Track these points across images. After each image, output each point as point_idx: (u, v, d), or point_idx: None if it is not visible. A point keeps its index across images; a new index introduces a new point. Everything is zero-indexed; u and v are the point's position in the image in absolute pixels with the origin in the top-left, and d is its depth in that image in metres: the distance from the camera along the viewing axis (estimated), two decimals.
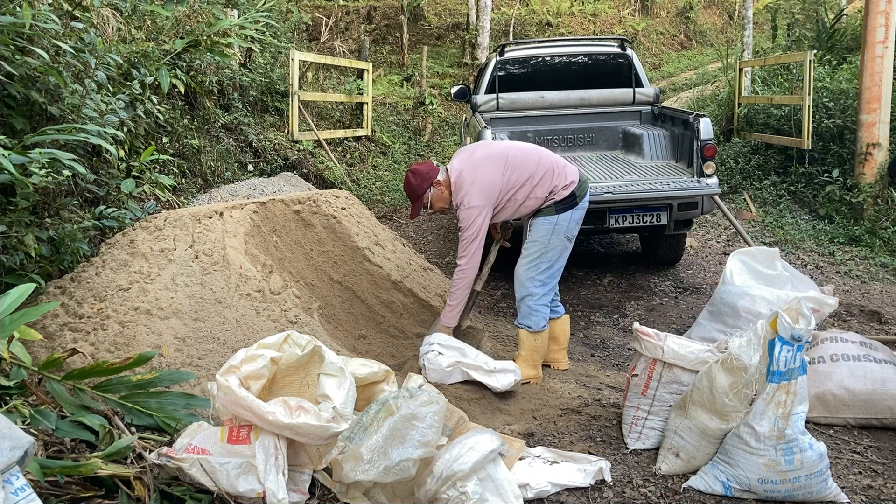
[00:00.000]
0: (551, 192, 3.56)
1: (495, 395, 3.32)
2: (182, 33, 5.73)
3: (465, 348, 3.46)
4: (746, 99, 9.69)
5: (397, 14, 16.86)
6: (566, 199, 3.57)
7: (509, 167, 3.54)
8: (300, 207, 4.24)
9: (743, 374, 2.46)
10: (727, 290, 3.91)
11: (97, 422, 2.25)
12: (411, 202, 3.70)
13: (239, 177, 6.64)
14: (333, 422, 2.12)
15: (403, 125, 11.99)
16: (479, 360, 3.39)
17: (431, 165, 3.68)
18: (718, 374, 2.51)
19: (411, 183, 3.63)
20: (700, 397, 2.57)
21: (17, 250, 3.03)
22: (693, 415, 2.60)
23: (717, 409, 2.53)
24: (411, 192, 3.65)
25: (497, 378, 3.32)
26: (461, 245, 3.56)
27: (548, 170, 3.57)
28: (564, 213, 3.58)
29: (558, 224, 3.58)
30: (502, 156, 3.58)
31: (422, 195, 3.62)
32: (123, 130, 4.19)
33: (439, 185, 3.60)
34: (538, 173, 3.56)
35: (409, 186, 3.65)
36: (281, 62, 9.19)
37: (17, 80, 3.15)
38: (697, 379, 2.61)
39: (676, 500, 2.48)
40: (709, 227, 7.49)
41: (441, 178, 3.61)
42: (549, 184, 3.56)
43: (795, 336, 2.44)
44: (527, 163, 3.57)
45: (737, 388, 2.48)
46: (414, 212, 3.74)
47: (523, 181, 3.54)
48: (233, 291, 3.32)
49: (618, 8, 20.08)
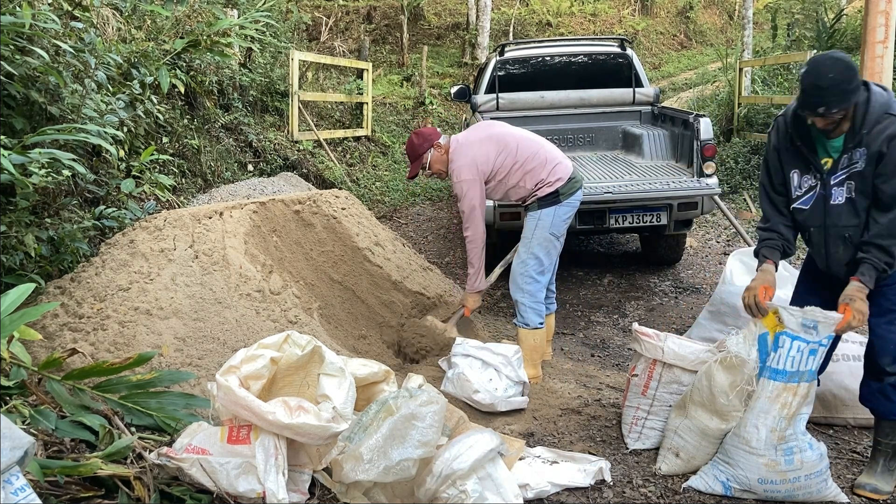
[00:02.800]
0: (537, 186, 3.64)
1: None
2: (182, 33, 5.72)
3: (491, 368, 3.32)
4: (746, 99, 9.69)
5: (397, 14, 16.85)
6: (548, 196, 3.63)
7: (505, 151, 3.66)
8: (300, 207, 4.24)
9: (742, 371, 2.46)
10: (727, 290, 3.91)
11: (97, 422, 2.25)
12: (411, 162, 3.84)
13: (239, 177, 6.63)
14: (333, 422, 2.12)
15: (403, 125, 11.99)
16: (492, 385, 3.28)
17: (434, 129, 3.86)
18: (717, 373, 2.51)
19: (413, 143, 3.79)
20: (700, 397, 2.57)
21: (17, 250, 3.03)
22: (693, 415, 2.60)
23: (716, 408, 2.53)
24: (412, 152, 3.79)
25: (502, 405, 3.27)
26: (463, 218, 3.73)
27: (540, 163, 3.65)
28: (547, 209, 3.63)
29: (541, 220, 3.64)
30: (502, 138, 3.70)
31: (422, 155, 3.76)
32: (123, 130, 4.18)
33: (440, 147, 3.76)
34: (530, 163, 3.64)
35: (410, 146, 3.80)
36: (281, 62, 9.19)
37: (17, 80, 3.15)
38: (697, 379, 2.61)
39: (676, 500, 2.49)
40: (709, 227, 7.49)
41: (442, 141, 3.77)
42: (538, 177, 3.64)
43: (806, 324, 2.41)
44: (523, 151, 3.67)
45: (736, 386, 2.48)
46: (412, 171, 3.88)
47: (513, 167, 3.65)
48: (233, 291, 3.32)
49: (618, 8, 20.08)
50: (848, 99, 2.35)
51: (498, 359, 3.26)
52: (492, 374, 3.23)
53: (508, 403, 3.19)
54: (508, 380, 3.22)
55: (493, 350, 3.32)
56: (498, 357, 3.27)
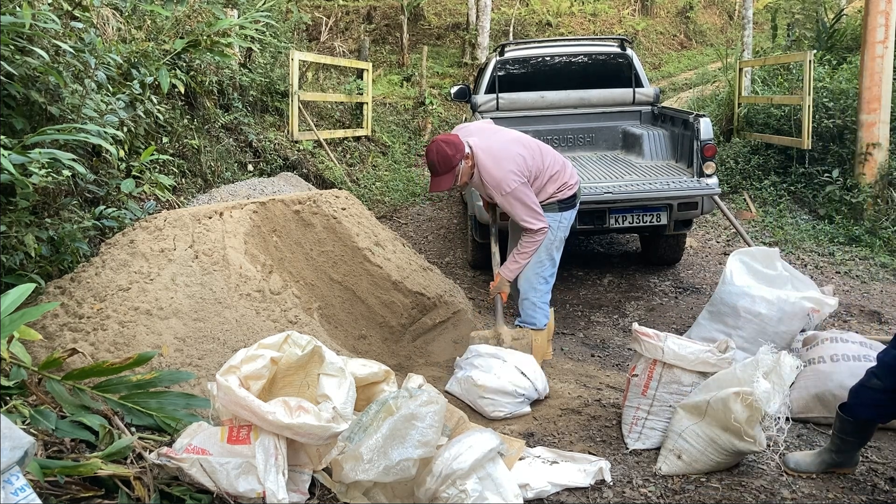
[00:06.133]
0: (559, 189, 3.64)
1: None
2: (182, 33, 5.72)
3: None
4: (746, 99, 9.68)
5: (397, 14, 16.85)
6: (569, 199, 3.65)
7: (533, 154, 3.61)
8: (300, 207, 4.24)
9: (759, 414, 2.47)
10: (727, 290, 3.91)
11: (97, 422, 2.25)
12: (440, 174, 3.47)
13: (239, 177, 6.63)
14: (333, 422, 2.12)
15: (403, 125, 11.99)
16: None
17: (458, 137, 3.53)
18: (735, 405, 2.50)
19: (446, 153, 3.40)
20: (714, 414, 2.58)
21: (17, 250, 3.03)
22: (706, 423, 2.60)
23: (730, 428, 2.53)
24: (446, 163, 3.42)
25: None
26: (522, 223, 3.53)
27: (561, 167, 3.69)
28: (567, 212, 3.70)
29: (562, 222, 3.69)
30: (526, 142, 3.65)
31: (454, 167, 3.44)
32: (123, 130, 4.18)
33: (468, 158, 3.49)
34: (554, 167, 3.66)
35: (443, 157, 3.41)
36: (281, 62, 9.18)
37: (17, 80, 3.15)
38: (713, 398, 2.58)
39: (676, 501, 2.48)
40: (709, 227, 7.49)
41: (468, 150, 3.52)
42: (561, 180, 3.66)
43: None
44: (546, 155, 3.68)
45: (753, 421, 2.49)
46: (445, 183, 3.50)
47: (542, 170, 3.61)
48: (233, 291, 3.32)
49: (618, 8, 20.08)
50: None
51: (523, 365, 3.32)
52: (517, 375, 3.26)
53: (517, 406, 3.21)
54: (533, 386, 3.27)
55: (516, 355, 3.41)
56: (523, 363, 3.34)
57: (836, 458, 2.62)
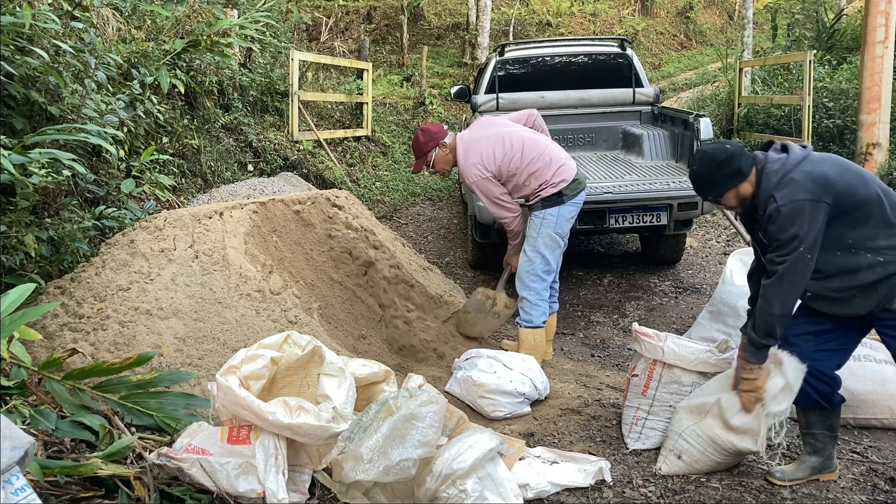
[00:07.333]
0: (541, 186, 3.68)
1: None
2: (182, 33, 5.72)
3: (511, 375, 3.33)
4: (746, 99, 9.69)
5: (397, 14, 16.85)
6: (552, 197, 3.68)
7: (511, 151, 3.70)
8: (300, 207, 4.24)
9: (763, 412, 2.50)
10: (727, 290, 3.91)
11: (97, 422, 2.25)
12: (416, 157, 3.95)
13: (239, 177, 6.63)
14: (333, 422, 2.12)
15: (403, 125, 11.99)
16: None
17: (441, 127, 3.91)
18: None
19: (419, 140, 3.85)
20: (714, 415, 2.58)
21: (17, 250, 3.03)
22: (706, 423, 2.60)
23: (731, 426, 2.54)
24: (417, 149, 3.88)
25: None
26: (490, 210, 3.84)
27: (545, 164, 3.70)
28: (551, 209, 3.70)
29: (545, 220, 3.70)
30: (508, 138, 3.75)
31: (426, 153, 3.85)
32: (123, 130, 4.18)
33: (444, 147, 3.83)
34: (535, 164, 3.69)
35: (416, 143, 3.87)
36: (281, 62, 9.18)
37: (17, 80, 3.15)
38: (715, 401, 2.60)
39: (676, 500, 2.48)
40: (709, 227, 7.49)
41: (447, 140, 3.83)
42: (542, 178, 3.69)
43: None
44: (528, 152, 3.71)
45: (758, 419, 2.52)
46: (416, 167, 3.98)
47: (519, 168, 3.70)
48: (233, 291, 3.31)
49: (618, 8, 20.08)
50: (714, 189, 2.47)
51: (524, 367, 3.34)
52: (516, 375, 3.26)
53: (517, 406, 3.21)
54: (533, 386, 3.27)
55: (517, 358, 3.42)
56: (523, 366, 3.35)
57: (816, 461, 2.62)
